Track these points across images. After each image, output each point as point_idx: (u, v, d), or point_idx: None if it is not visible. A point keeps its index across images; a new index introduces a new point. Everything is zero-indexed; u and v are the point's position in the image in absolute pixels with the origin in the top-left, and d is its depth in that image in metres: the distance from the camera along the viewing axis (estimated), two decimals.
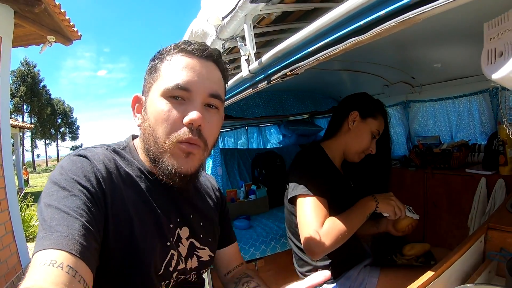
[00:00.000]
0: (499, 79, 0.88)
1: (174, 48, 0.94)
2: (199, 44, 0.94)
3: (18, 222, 4.39)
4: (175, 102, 0.88)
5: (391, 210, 1.62)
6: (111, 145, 1.00)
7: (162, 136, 0.88)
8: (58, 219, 0.72)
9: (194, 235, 1.06)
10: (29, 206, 7.72)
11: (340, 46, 0.97)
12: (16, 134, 15.41)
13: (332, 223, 1.51)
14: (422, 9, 0.71)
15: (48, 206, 0.75)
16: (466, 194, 2.79)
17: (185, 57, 0.92)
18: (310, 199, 1.58)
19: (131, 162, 0.97)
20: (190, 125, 0.87)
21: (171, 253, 0.96)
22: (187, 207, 1.06)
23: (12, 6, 3.91)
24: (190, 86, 0.88)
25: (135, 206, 0.89)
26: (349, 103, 1.85)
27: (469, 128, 3.21)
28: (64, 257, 0.66)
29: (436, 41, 2.22)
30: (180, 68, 0.90)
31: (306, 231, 1.52)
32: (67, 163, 0.84)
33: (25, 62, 46.34)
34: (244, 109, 3.29)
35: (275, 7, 1.54)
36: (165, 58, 0.93)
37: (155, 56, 0.97)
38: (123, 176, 0.92)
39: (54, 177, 0.81)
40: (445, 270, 1.21)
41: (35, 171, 44.95)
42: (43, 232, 0.70)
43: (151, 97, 0.93)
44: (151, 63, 0.97)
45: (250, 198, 3.75)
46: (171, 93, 0.88)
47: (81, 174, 0.81)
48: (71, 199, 0.76)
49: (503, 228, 1.48)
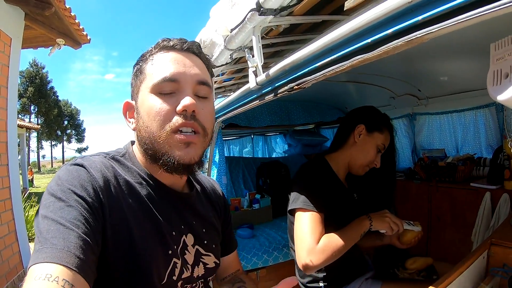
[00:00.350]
0: (504, 100, 0.88)
1: (155, 47, 0.94)
2: (178, 39, 0.95)
3: (21, 222, 4.41)
4: (165, 96, 0.88)
5: (386, 226, 1.63)
6: (110, 153, 0.98)
7: (156, 129, 0.87)
8: (54, 231, 0.70)
9: (199, 241, 1.05)
10: (33, 207, 7.73)
11: (347, 63, 0.98)
12: (23, 134, 15.51)
13: (327, 241, 1.53)
14: (429, 29, 0.72)
15: (44, 218, 0.74)
16: (471, 208, 2.77)
17: (167, 53, 0.93)
18: (308, 214, 1.59)
19: (131, 169, 0.95)
20: (184, 112, 0.87)
21: (173, 262, 0.94)
22: (189, 213, 1.05)
23: (23, 8, 3.97)
24: (177, 77, 0.89)
25: (135, 214, 0.88)
26: (356, 116, 1.85)
27: (475, 141, 3.21)
28: (60, 270, 0.64)
29: (443, 55, 2.23)
30: (164, 63, 0.90)
31: (301, 246, 1.55)
32: (64, 173, 0.83)
33: (34, 63, 46.65)
34: (250, 118, 3.31)
35: (284, 19, 1.54)
36: (148, 59, 0.94)
37: (138, 60, 0.98)
38: (122, 184, 0.90)
39: (51, 188, 0.80)
40: (447, 286, 1.21)
41: (40, 172, 45.08)
42: (39, 245, 0.69)
43: (141, 97, 0.92)
44: (136, 67, 0.97)
45: (254, 207, 3.74)
46: (159, 87, 0.88)
47: (77, 184, 0.80)
48: (67, 210, 0.75)
49: (506, 244, 1.48)
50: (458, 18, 0.66)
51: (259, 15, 1.41)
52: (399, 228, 1.65)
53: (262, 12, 1.40)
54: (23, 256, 4.30)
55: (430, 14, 0.71)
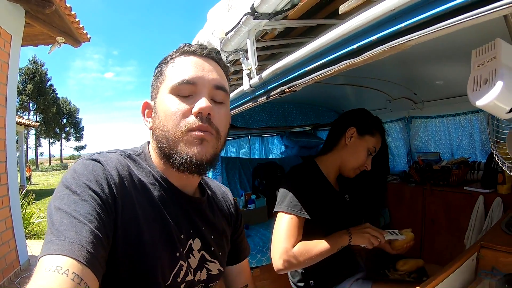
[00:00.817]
0: (482, 106, 0.91)
1: (176, 52, 0.96)
2: (199, 45, 0.97)
3: (19, 219, 4.43)
4: (183, 98, 0.90)
5: (366, 242, 1.64)
6: (126, 151, 0.99)
7: (172, 127, 0.88)
8: (67, 224, 0.71)
9: (206, 247, 1.05)
10: (30, 204, 7.75)
11: (335, 67, 1.01)
12: (21, 131, 15.49)
13: (302, 248, 1.57)
14: (411, 36, 0.75)
15: (57, 210, 0.74)
16: (464, 211, 2.80)
17: (187, 57, 0.94)
18: (288, 217, 1.62)
19: (145, 169, 0.96)
20: (199, 114, 0.87)
21: (180, 264, 0.94)
22: (199, 218, 1.04)
23: (23, 6, 3.99)
24: (195, 80, 0.90)
25: (146, 213, 0.88)
26: (347, 119, 1.85)
27: (470, 145, 3.24)
28: (70, 263, 0.64)
29: (439, 59, 2.25)
30: (183, 67, 0.92)
31: (277, 248, 1.58)
32: (80, 167, 0.83)
33: (33, 61, 46.68)
34: (248, 119, 3.33)
35: (278, 23, 1.55)
36: (169, 62, 0.95)
37: (160, 63, 0.99)
38: (136, 183, 0.90)
39: (66, 180, 0.80)
40: (435, 286, 1.23)
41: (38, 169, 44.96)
42: (51, 236, 0.69)
43: (159, 97, 0.94)
44: (157, 69, 0.99)
45: (249, 207, 3.75)
46: (178, 89, 0.90)
47: (93, 179, 0.81)
48: (81, 204, 0.75)
49: (496, 247, 1.50)
50: (438, 26, 0.68)
51: (253, 19, 1.43)
52: (381, 240, 1.66)
53: (256, 16, 1.42)
54: (20, 253, 4.32)
55: (412, 22, 0.73)
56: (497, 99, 0.88)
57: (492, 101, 0.88)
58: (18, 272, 4.25)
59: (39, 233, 7.18)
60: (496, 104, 0.89)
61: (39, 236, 6.94)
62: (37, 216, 7.46)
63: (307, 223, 1.65)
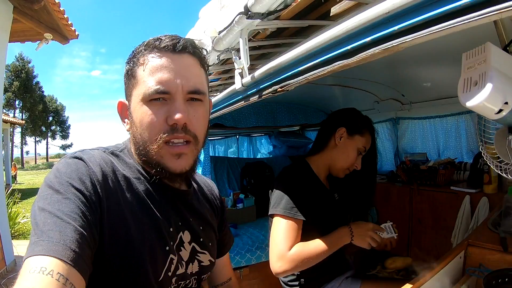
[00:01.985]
0: (472, 107, 0.94)
1: (145, 47, 0.92)
2: (170, 38, 0.91)
3: (4, 219, 4.37)
4: (156, 105, 0.88)
5: (366, 245, 1.67)
6: (109, 148, 0.98)
7: (150, 139, 0.88)
8: (51, 224, 0.70)
9: (196, 239, 1.05)
10: (16, 203, 7.65)
11: (328, 68, 1.02)
12: (7, 129, 15.26)
13: (300, 249, 1.58)
14: (405, 39, 0.76)
15: (41, 210, 0.73)
16: (451, 211, 2.84)
17: (158, 57, 0.90)
18: (285, 221, 1.63)
19: (129, 164, 0.95)
20: (175, 125, 0.87)
21: (170, 258, 0.94)
22: (187, 210, 1.05)
23: (11, 1, 3.93)
24: (168, 89, 0.87)
25: (132, 209, 0.88)
26: (337, 119, 1.86)
27: (456, 146, 3.29)
28: (55, 264, 0.64)
29: (426, 62, 2.28)
30: (154, 70, 0.88)
31: (274, 251, 1.60)
32: (62, 166, 0.82)
33: (20, 57, 45.98)
34: (236, 119, 3.33)
35: (271, 23, 1.56)
36: (139, 60, 0.91)
37: (129, 58, 0.95)
38: (120, 179, 0.90)
39: (49, 180, 0.79)
40: (423, 284, 1.25)
41: (24, 168, 44.36)
42: (35, 237, 0.68)
43: (133, 103, 0.92)
44: (127, 66, 0.95)
45: (237, 206, 3.76)
46: (150, 97, 0.87)
47: (76, 177, 0.79)
48: (64, 203, 0.74)
49: (482, 245, 1.53)
50: (431, 29, 0.70)
51: (246, 18, 1.43)
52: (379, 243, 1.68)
53: (249, 15, 1.42)
54: (6, 253, 4.26)
55: (405, 25, 0.75)
56: (486, 100, 0.90)
57: (482, 102, 0.90)
58: (4, 273, 4.19)
59: (25, 233, 7.08)
60: (485, 105, 0.92)
61: (25, 236, 6.84)
62: (23, 216, 7.36)
63: (303, 224, 1.67)
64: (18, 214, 7.18)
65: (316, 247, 1.60)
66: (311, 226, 1.68)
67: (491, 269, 1.35)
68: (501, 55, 0.97)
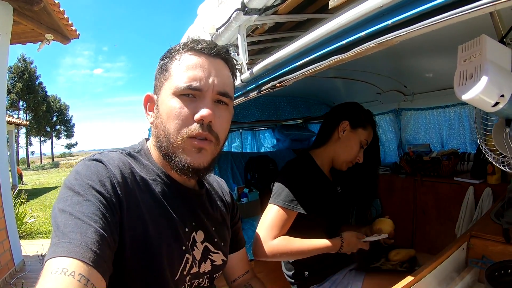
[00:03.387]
0: (468, 100, 0.93)
1: (183, 47, 0.95)
2: (207, 43, 0.96)
3: (12, 219, 4.40)
4: (186, 100, 0.90)
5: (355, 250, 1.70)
6: (125, 149, 1.00)
7: (174, 132, 0.89)
8: (72, 225, 0.71)
9: (209, 239, 1.07)
10: (23, 204, 7.69)
11: (324, 63, 1.02)
12: (11, 130, 15.35)
13: (283, 243, 1.60)
14: (399, 33, 0.76)
15: (62, 212, 0.74)
16: (454, 202, 2.83)
17: (194, 56, 0.93)
18: (279, 210, 1.64)
19: (146, 166, 0.97)
20: (201, 121, 0.89)
21: (186, 257, 0.96)
22: (201, 211, 1.07)
23: (11, 4, 3.95)
24: (199, 85, 0.90)
25: (150, 210, 0.89)
26: (340, 113, 1.87)
27: (459, 137, 3.26)
28: (76, 265, 0.65)
29: (428, 52, 2.26)
30: (189, 67, 0.92)
31: (260, 234, 1.61)
32: (82, 168, 0.83)
33: (22, 59, 45.99)
34: (239, 113, 3.33)
35: (269, 18, 1.56)
36: (175, 57, 0.95)
37: (164, 55, 0.99)
38: (138, 180, 0.91)
39: (69, 182, 0.80)
40: (426, 275, 1.25)
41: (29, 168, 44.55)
42: (56, 239, 0.69)
43: (162, 95, 0.94)
44: (161, 62, 0.98)
45: (242, 201, 3.75)
46: (181, 92, 0.90)
47: (96, 179, 0.81)
48: (85, 205, 0.75)
49: (485, 236, 1.52)
50: (425, 22, 0.70)
51: (243, 14, 1.43)
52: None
53: (246, 11, 1.42)
54: (14, 253, 4.30)
55: (399, 18, 0.75)
56: (482, 93, 0.90)
57: (478, 95, 0.90)
58: (13, 272, 4.23)
59: (32, 233, 7.15)
60: (481, 98, 0.92)
61: (32, 236, 6.91)
62: (30, 216, 7.40)
63: (304, 218, 1.67)
64: (25, 214, 7.21)
65: (299, 246, 1.61)
66: (313, 219, 1.69)
67: (494, 261, 1.35)
68: (497, 47, 0.97)
